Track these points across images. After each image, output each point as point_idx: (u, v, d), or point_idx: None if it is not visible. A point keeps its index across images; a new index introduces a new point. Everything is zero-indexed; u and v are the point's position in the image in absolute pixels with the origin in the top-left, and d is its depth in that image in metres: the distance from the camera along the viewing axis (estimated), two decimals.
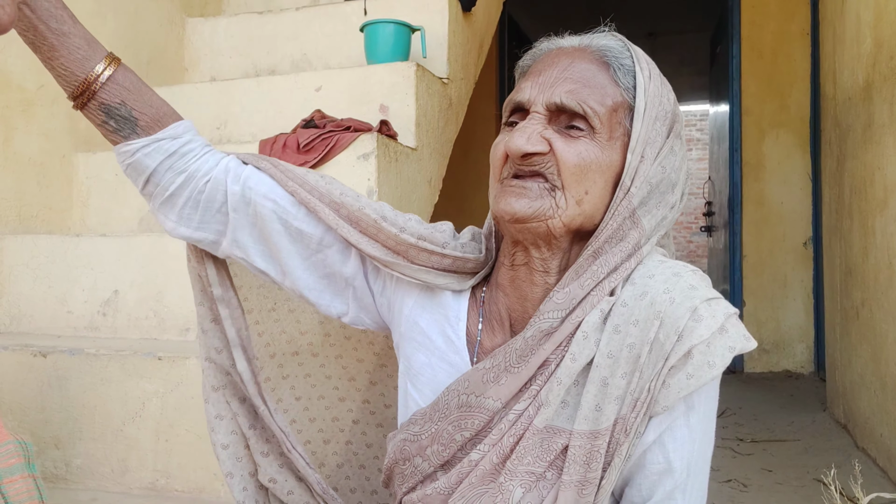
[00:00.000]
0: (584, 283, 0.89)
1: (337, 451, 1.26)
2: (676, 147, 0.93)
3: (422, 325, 1.02)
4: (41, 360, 1.98)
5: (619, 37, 0.96)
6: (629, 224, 0.90)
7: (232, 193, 1.01)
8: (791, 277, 4.92)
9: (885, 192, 2.78)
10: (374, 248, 1.00)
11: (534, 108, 0.90)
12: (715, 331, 0.83)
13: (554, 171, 0.88)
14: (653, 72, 0.93)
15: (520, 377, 0.90)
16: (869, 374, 2.99)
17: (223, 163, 1.03)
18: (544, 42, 0.99)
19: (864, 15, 3.10)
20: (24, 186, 2.47)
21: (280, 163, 1.05)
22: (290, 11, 3.16)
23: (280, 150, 2.41)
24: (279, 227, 1.02)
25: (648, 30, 7.80)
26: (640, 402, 0.84)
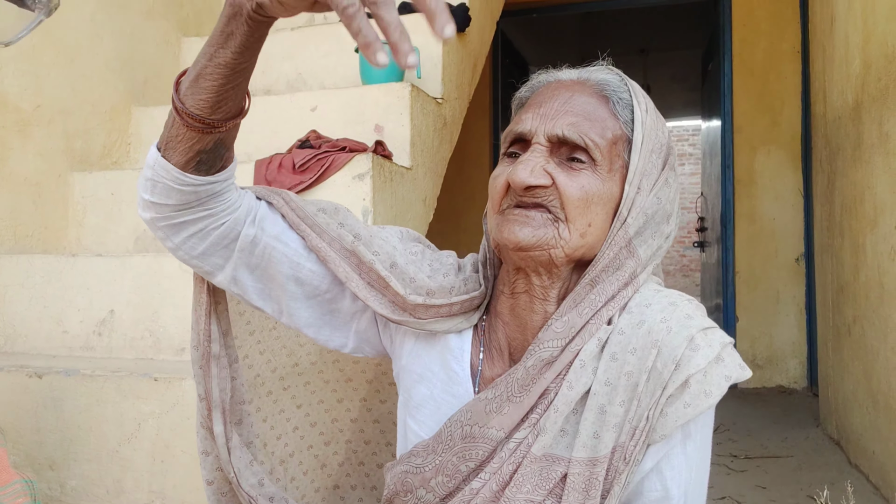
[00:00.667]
0: (582, 312, 0.91)
1: (337, 450, 1.29)
2: (671, 179, 0.96)
3: (424, 359, 1.02)
4: (36, 381, 1.99)
5: (616, 71, 0.98)
6: (625, 253, 0.92)
7: (245, 236, 0.97)
8: (783, 293, 4.94)
9: (874, 211, 2.81)
10: (382, 307, 0.99)
11: (535, 139, 0.91)
12: (711, 360, 0.85)
13: (557, 203, 0.89)
14: (649, 106, 0.96)
15: (522, 406, 0.91)
16: (861, 391, 3.01)
17: (245, 202, 0.97)
18: (542, 74, 1.01)
19: (852, 36, 3.14)
20: (19, 206, 2.47)
21: (291, 198, 1.01)
22: (285, 31, 3.18)
23: (276, 170, 2.42)
24: (287, 269, 1.00)
25: (641, 46, 7.86)
26: (639, 430, 0.85)
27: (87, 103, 2.74)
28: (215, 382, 1.06)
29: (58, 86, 2.60)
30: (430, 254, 1.06)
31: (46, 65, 2.55)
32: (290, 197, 1.02)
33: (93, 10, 2.75)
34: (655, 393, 0.85)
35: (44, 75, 2.55)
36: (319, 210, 1.01)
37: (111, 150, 2.86)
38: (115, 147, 2.89)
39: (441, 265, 1.03)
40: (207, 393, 1.06)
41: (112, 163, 2.86)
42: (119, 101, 2.90)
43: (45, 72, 2.55)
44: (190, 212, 0.92)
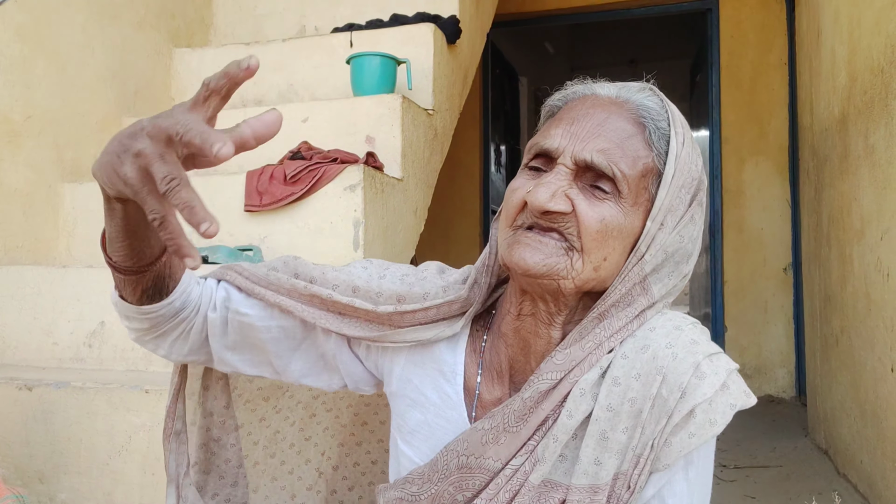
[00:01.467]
0: (585, 346, 0.87)
1: (330, 455, 1.29)
2: (697, 216, 0.90)
3: (415, 382, 0.99)
4: (27, 394, 1.98)
5: (658, 94, 0.92)
6: (638, 290, 0.88)
7: (211, 322, 1.01)
8: (772, 303, 4.97)
9: (861, 223, 2.84)
10: (357, 329, 0.98)
11: (562, 159, 0.85)
12: (718, 389, 0.83)
13: (574, 232, 0.84)
14: (686, 136, 0.89)
15: (519, 437, 0.88)
16: (849, 400, 3.03)
17: (206, 293, 1.02)
18: (578, 85, 0.94)
19: (838, 49, 3.18)
20: (9, 217, 2.47)
21: (243, 268, 1.04)
22: (276, 43, 3.19)
23: (267, 181, 2.43)
24: (261, 335, 1.02)
25: (630, 57, 7.92)
26: (644, 458, 0.83)
27: (78, 114, 2.74)
28: (172, 457, 1.10)
29: (48, 96, 2.60)
30: (404, 268, 1.04)
31: (37, 75, 2.55)
32: (242, 267, 1.04)
33: (84, 21, 2.75)
34: (661, 421, 0.83)
35: (34, 86, 2.54)
36: (271, 269, 1.03)
37: None
38: None
39: (417, 276, 1.01)
40: (165, 465, 1.10)
41: None
42: (110, 112, 2.90)
43: (36, 82, 2.55)
44: (164, 325, 0.98)
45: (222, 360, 1.05)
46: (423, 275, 1.01)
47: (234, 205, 2.46)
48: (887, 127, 2.50)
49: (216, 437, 1.17)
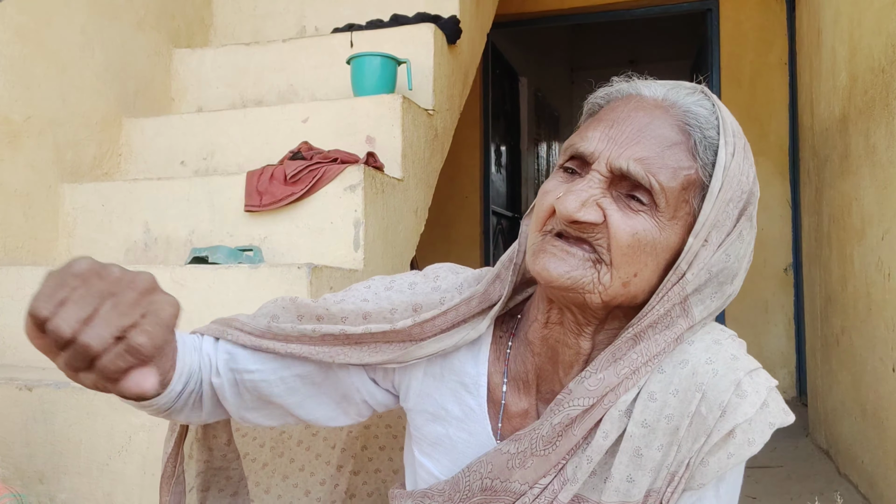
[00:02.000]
0: (619, 371, 0.82)
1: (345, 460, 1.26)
2: (745, 232, 0.83)
3: (434, 397, 0.94)
4: (27, 394, 1.98)
5: (709, 96, 0.86)
6: (678, 311, 0.82)
7: (218, 387, 0.95)
8: (772, 303, 4.97)
9: (862, 223, 2.83)
10: (378, 355, 0.92)
11: (597, 165, 0.80)
12: (758, 408, 0.80)
13: (604, 244, 0.79)
14: (737, 145, 0.82)
15: (548, 461, 0.85)
16: (850, 400, 3.03)
17: (205, 358, 0.95)
18: (623, 83, 0.88)
19: (839, 49, 3.18)
20: (9, 217, 2.47)
21: (242, 322, 0.97)
22: (276, 43, 3.19)
23: (267, 182, 2.43)
24: (276, 388, 0.96)
25: (630, 57, 7.92)
26: (679, 476, 0.81)
27: (78, 114, 2.74)
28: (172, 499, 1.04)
29: (48, 97, 2.60)
30: (410, 276, 0.97)
31: (37, 76, 2.55)
32: (241, 322, 0.97)
33: (84, 21, 2.75)
34: (699, 440, 0.80)
35: (34, 86, 2.54)
36: (271, 319, 0.96)
37: (102, 162, 2.86)
38: (106, 158, 2.88)
39: (428, 282, 0.95)
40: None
41: (103, 174, 2.85)
42: (110, 113, 2.90)
43: (36, 83, 2.55)
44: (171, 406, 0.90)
45: (242, 418, 0.99)
46: (437, 283, 0.95)
47: (234, 205, 2.46)
48: (888, 127, 2.50)
49: (217, 466, 1.12)
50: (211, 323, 0.99)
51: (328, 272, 2.17)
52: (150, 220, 2.54)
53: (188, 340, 0.94)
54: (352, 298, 0.95)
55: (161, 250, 2.53)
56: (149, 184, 2.58)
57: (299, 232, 2.40)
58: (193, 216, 2.50)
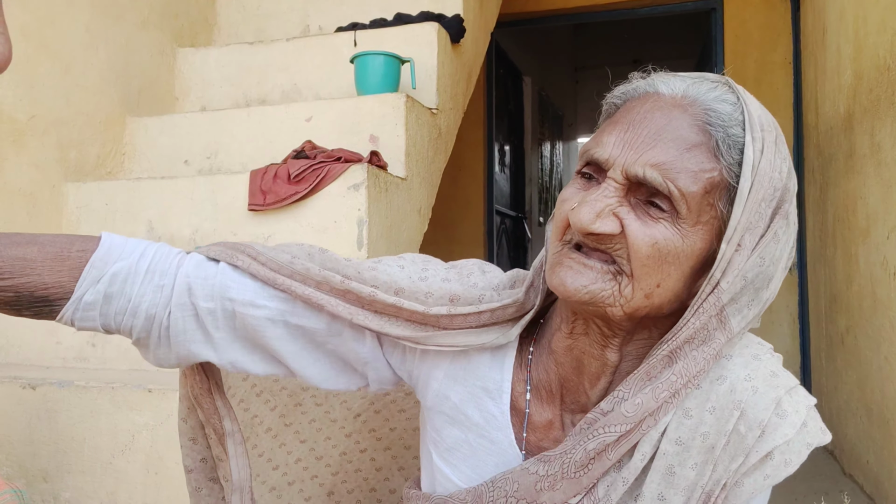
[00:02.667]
0: (658, 395, 0.78)
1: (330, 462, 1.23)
2: (781, 231, 0.78)
3: (454, 400, 0.90)
4: (30, 393, 1.98)
5: (734, 88, 0.80)
6: (715, 323, 0.77)
7: (209, 312, 0.87)
8: (776, 302, 4.95)
9: (867, 222, 2.82)
10: (401, 329, 0.87)
11: (612, 172, 0.76)
12: (798, 428, 0.78)
13: (623, 255, 0.75)
14: (766, 140, 0.77)
15: (580, 484, 0.81)
16: (855, 400, 3.02)
17: (181, 279, 0.86)
18: (641, 81, 0.84)
19: (844, 48, 3.17)
20: (14, 217, 2.47)
21: (258, 251, 0.89)
22: (280, 42, 3.19)
23: (271, 181, 2.43)
24: (277, 331, 0.88)
25: (634, 57, 7.91)
26: (714, 496, 0.78)
27: (82, 114, 2.74)
28: (234, 463, 0.98)
29: (52, 96, 2.60)
30: (442, 269, 0.93)
31: (41, 75, 2.55)
32: (257, 251, 0.89)
33: (88, 20, 2.76)
34: (736, 459, 0.77)
35: (38, 86, 2.55)
36: (293, 257, 0.89)
37: (105, 161, 2.86)
38: (110, 157, 2.88)
39: (462, 277, 0.91)
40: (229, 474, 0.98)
41: (106, 173, 2.85)
42: (113, 112, 2.90)
43: (40, 82, 2.55)
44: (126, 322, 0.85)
45: (230, 361, 0.90)
46: (472, 280, 0.91)
47: (237, 204, 2.46)
48: (893, 125, 2.49)
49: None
50: (215, 244, 0.92)
51: None
52: (154, 219, 2.54)
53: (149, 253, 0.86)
54: (385, 270, 0.90)
55: None
56: (152, 183, 2.59)
57: (303, 231, 2.40)
58: (197, 215, 2.50)
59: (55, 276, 0.81)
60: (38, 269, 0.81)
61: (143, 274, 0.85)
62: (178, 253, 0.89)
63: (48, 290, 0.81)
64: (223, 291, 0.87)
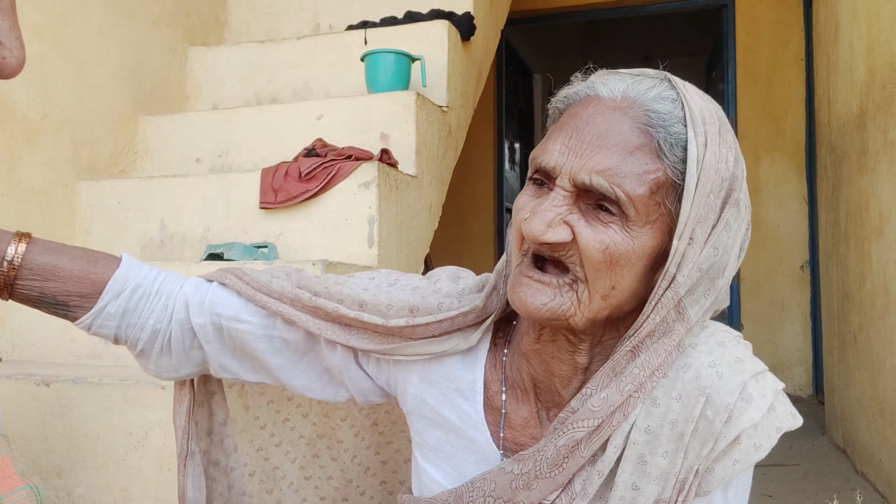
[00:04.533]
0: (622, 388, 0.79)
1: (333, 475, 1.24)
2: (732, 220, 0.80)
3: (430, 403, 0.93)
4: (44, 390, 1.99)
5: (674, 84, 0.81)
6: (674, 316, 0.80)
7: (200, 327, 0.96)
8: (788, 300, 4.94)
9: (880, 219, 2.81)
10: (365, 342, 0.92)
11: (560, 181, 0.77)
12: (765, 412, 0.79)
13: (576, 260, 0.77)
14: (709, 133, 0.78)
15: (554, 482, 0.83)
16: (867, 398, 3.00)
17: (181, 297, 0.97)
18: (581, 84, 0.85)
19: (856, 44, 3.15)
20: (27, 215, 2.49)
21: (244, 272, 0.98)
22: (291, 41, 3.20)
23: (282, 179, 2.43)
24: (260, 344, 0.97)
25: (644, 54, 7.89)
26: (689, 484, 0.78)
27: (94, 112, 2.76)
28: (189, 482, 1.03)
29: (65, 95, 2.62)
30: (416, 280, 0.97)
31: (54, 74, 2.57)
32: (243, 271, 0.99)
33: (100, 20, 2.77)
34: (706, 445, 0.78)
35: (51, 85, 2.56)
36: (272, 277, 0.97)
37: (118, 159, 2.88)
38: (122, 156, 2.90)
39: (429, 286, 0.94)
40: (181, 492, 1.03)
41: (119, 171, 2.87)
42: (126, 110, 2.91)
43: (53, 81, 2.57)
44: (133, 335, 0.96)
45: (222, 366, 1.00)
46: (437, 286, 0.94)
47: (249, 202, 2.46)
48: None
49: (215, 459, 1.10)
50: (216, 270, 1.02)
51: (342, 269, 2.17)
52: (166, 217, 2.56)
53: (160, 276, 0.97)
54: (352, 284, 0.95)
55: (177, 247, 2.54)
56: (164, 181, 2.60)
57: (314, 229, 2.41)
58: (209, 213, 2.51)
59: (79, 287, 0.92)
60: (65, 277, 0.91)
61: (155, 293, 0.96)
62: (184, 278, 1.00)
63: (70, 297, 0.92)
64: (212, 307, 0.96)
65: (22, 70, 0.78)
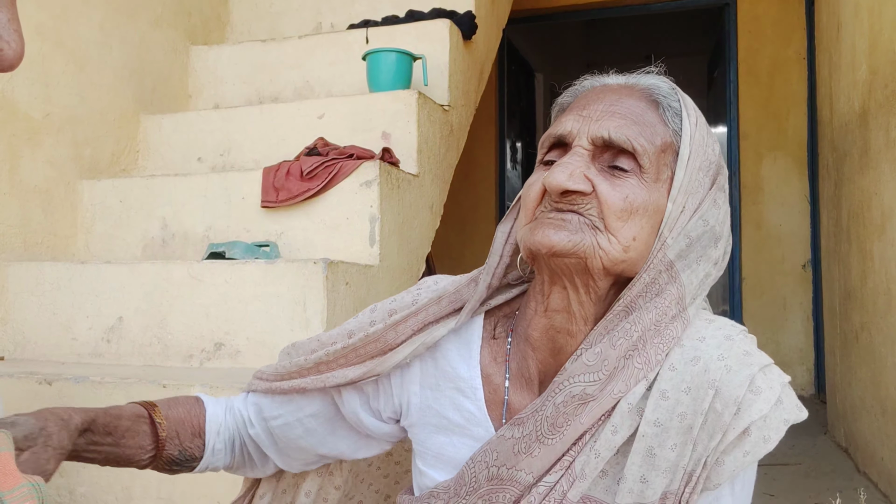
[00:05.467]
0: (615, 343, 0.82)
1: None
2: (720, 200, 0.87)
3: (435, 408, 0.94)
4: (46, 388, 1.99)
5: (667, 79, 0.90)
6: (666, 278, 0.83)
7: (256, 437, 1.04)
8: (790, 300, 4.93)
9: (882, 218, 2.80)
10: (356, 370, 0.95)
11: (577, 141, 0.83)
12: (773, 404, 0.80)
13: (595, 212, 0.80)
14: (699, 120, 0.87)
15: (554, 450, 0.83)
16: (869, 397, 3.00)
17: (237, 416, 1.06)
18: (587, 80, 0.92)
19: (859, 43, 3.14)
20: (29, 214, 2.49)
21: (262, 372, 1.04)
22: (292, 40, 3.20)
23: (284, 178, 2.44)
24: (297, 431, 1.02)
25: (646, 53, 7.87)
26: (696, 475, 0.80)
27: (96, 111, 2.76)
28: None
29: (67, 94, 2.62)
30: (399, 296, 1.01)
31: (56, 73, 2.57)
32: (261, 370, 1.04)
33: (101, 19, 2.77)
34: (714, 437, 0.79)
35: (53, 84, 2.56)
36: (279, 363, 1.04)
37: (120, 158, 2.88)
38: (124, 155, 2.90)
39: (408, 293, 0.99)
40: None
41: (121, 170, 2.87)
42: (128, 109, 2.92)
43: (55, 80, 2.57)
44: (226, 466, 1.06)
45: (288, 466, 1.07)
46: (418, 290, 0.99)
47: (250, 201, 2.47)
48: None
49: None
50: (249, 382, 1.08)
51: (344, 267, 2.17)
52: (168, 216, 2.56)
53: (221, 402, 1.05)
54: (344, 325, 1.00)
55: (178, 246, 2.54)
56: (166, 180, 2.60)
57: (315, 227, 2.41)
58: (210, 212, 2.51)
59: (189, 439, 1.01)
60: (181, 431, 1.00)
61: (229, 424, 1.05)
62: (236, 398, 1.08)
63: (183, 446, 1.00)
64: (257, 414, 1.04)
65: (20, 64, 0.78)
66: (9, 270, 2.38)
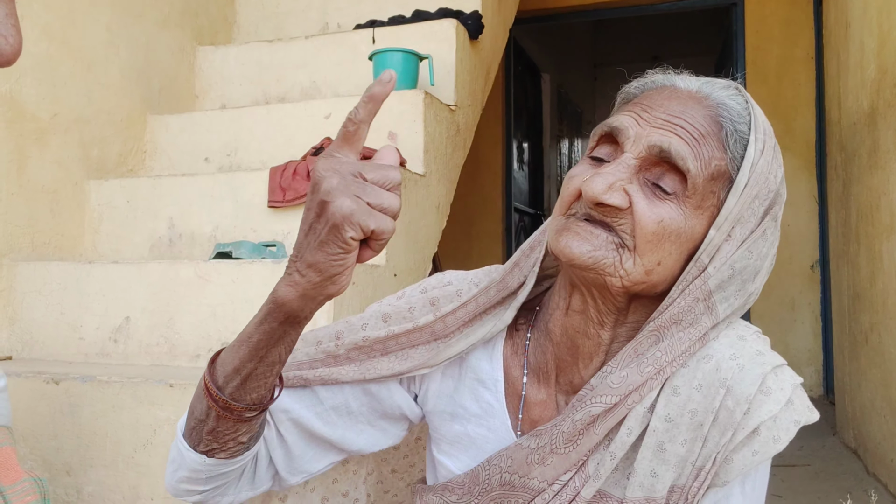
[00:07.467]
0: (643, 370, 0.81)
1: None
2: (769, 231, 0.83)
3: (453, 396, 0.94)
4: (53, 388, 2.00)
5: (743, 93, 0.85)
6: (702, 308, 0.81)
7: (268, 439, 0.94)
8: (799, 300, 4.91)
9: (891, 218, 2.79)
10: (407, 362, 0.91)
11: (628, 147, 0.80)
12: (783, 405, 0.80)
13: (627, 230, 0.78)
14: (767, 143, 0.82)
15: (568, 459, 0.83)
16: (879, 399, 2.98)
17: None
18: (658, 75, 0.88)
19: (867, 42, 3.13)
20: (36, 214, 2.50)
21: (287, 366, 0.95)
22: (299, 40, 3.20)
23: (290, 178, 2.44)
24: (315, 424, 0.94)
25: (653, 53, 7.86)
26: (705, 471, 0.80)
27: (104, 112, 2.76)
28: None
29: (74, 95, 2.63)
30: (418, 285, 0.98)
31: (63, 74, 2.58)
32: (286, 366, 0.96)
33: (108, 20, 2.78)
34: (725, 434, 0.79)
35: (60, 84, 2.57)
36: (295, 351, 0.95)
37: (127, 158, 2.88)
38: (131, 155, 2.91)
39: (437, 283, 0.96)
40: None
41: (128, 171, 2.88)
42: (135, 110, 2.92)
43: (62, 81, 2.58)
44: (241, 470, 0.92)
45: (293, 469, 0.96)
46: (448, 280, 0.96)
47: (257, 201, 2.47)
48: None
49: None
50: None
51: None
52: (175, 215, 2.56)
53: None
54: (369, 310, 0.96)
55: (185, 246, 2.55)
56: (173, 180, 2.60)
57: None
58: (217, 212, 2.51)
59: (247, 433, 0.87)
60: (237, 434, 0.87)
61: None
62: None
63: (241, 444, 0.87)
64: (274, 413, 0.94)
65: (18, 58, 0.77)
66: (16, 270, 2.38)
